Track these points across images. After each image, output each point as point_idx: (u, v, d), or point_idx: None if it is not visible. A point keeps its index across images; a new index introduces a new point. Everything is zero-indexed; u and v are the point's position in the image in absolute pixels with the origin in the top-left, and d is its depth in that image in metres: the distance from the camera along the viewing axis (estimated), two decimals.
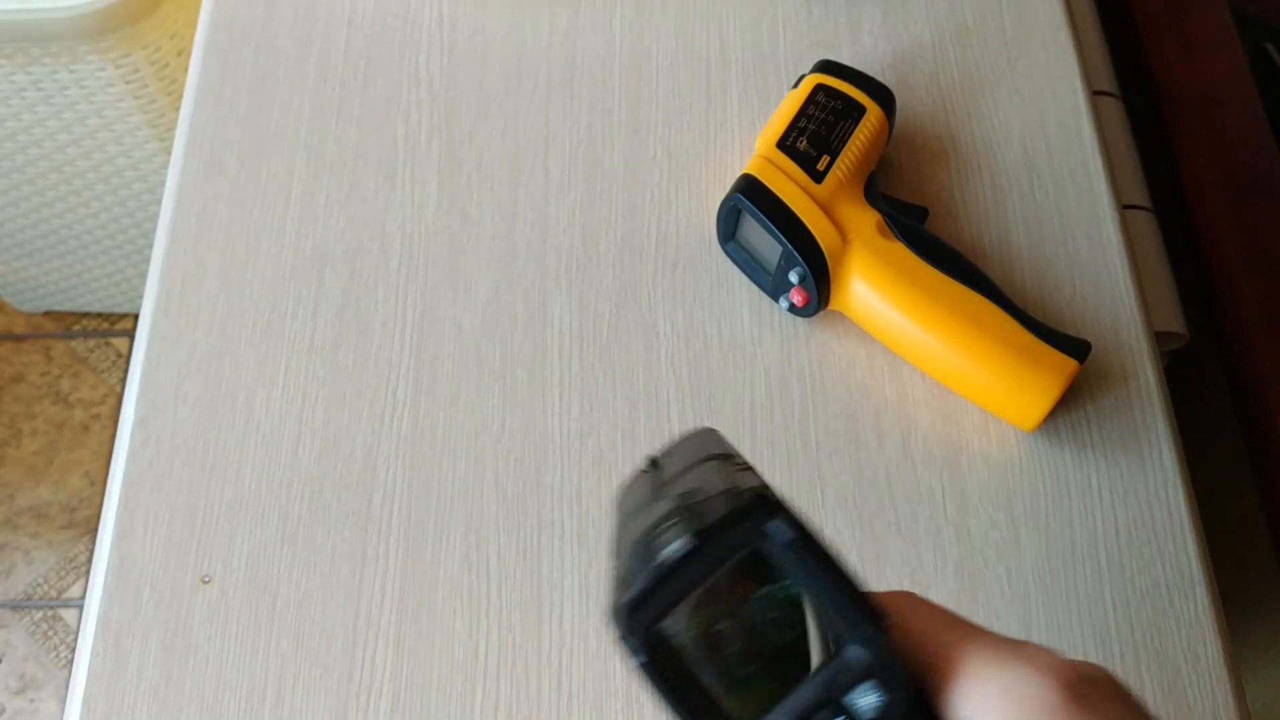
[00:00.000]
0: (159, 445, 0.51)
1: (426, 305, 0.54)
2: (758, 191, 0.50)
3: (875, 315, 0.51)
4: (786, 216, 0.50)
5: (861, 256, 0.50)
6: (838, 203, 0.51)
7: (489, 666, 0.47)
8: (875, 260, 0.50)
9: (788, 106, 0.53)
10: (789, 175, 0.51)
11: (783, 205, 0.50)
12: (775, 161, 0.51)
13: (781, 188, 0.50)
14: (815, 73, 0.54)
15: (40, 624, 1.30)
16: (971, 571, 0.49)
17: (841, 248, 0.50)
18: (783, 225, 0.50)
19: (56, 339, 1.45)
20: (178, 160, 0.58)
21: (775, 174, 0.51)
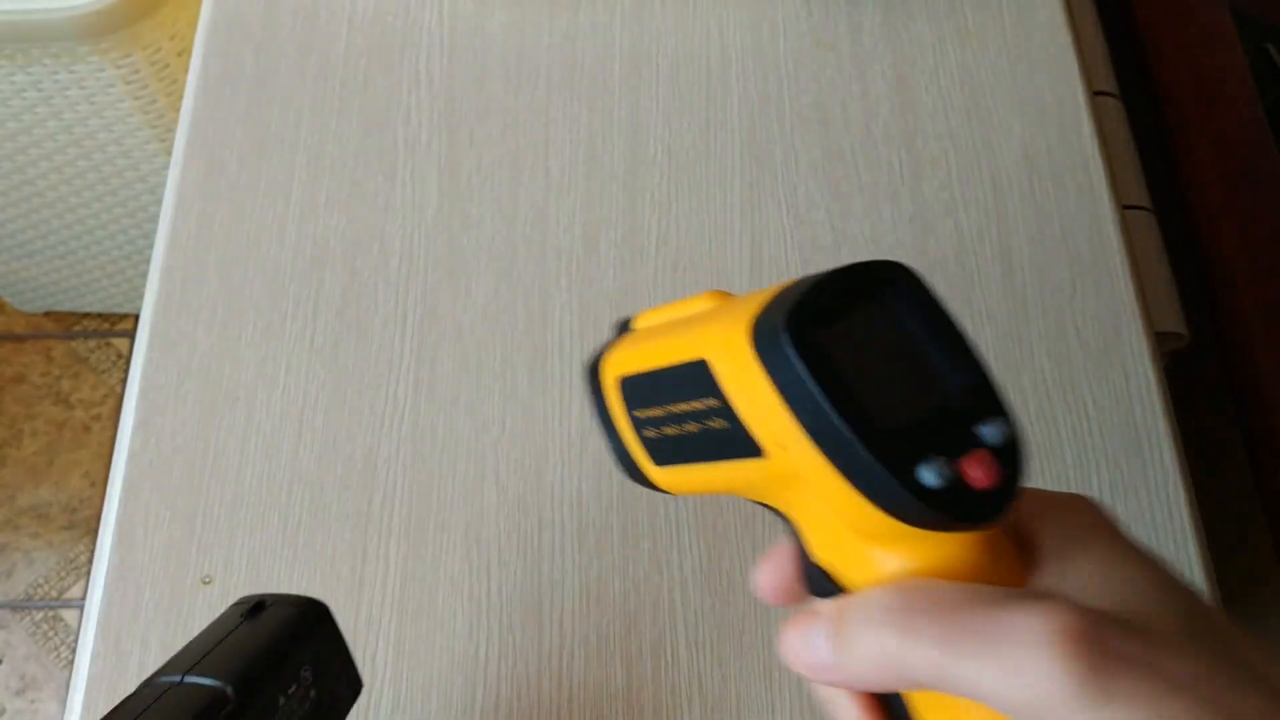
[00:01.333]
0: (159, 446, 0.51)
1: (427, 306, 0.54)
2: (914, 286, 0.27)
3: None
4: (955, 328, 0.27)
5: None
6: None
7: (489, 666, 0.47)
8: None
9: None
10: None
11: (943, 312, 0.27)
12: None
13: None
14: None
15: (41, 624, 1.30)
16: None
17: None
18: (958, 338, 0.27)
19: (57, 339, 1.45)
20: (178, 160, 0.58)
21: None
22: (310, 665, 0.34)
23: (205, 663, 0.32)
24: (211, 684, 0.31)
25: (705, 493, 0.31)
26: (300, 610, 0.35)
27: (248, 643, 0.33)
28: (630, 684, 0.47)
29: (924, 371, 0.26)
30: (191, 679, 0.32)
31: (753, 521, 0.49)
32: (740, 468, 0.28)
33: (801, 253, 0.55)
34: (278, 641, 0.34)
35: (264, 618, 0.34)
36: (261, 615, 0.35)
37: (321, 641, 0.35)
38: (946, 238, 0.56)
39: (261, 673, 0.32)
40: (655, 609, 0.48)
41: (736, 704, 0.46)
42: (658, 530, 0.49)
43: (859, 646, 0.25)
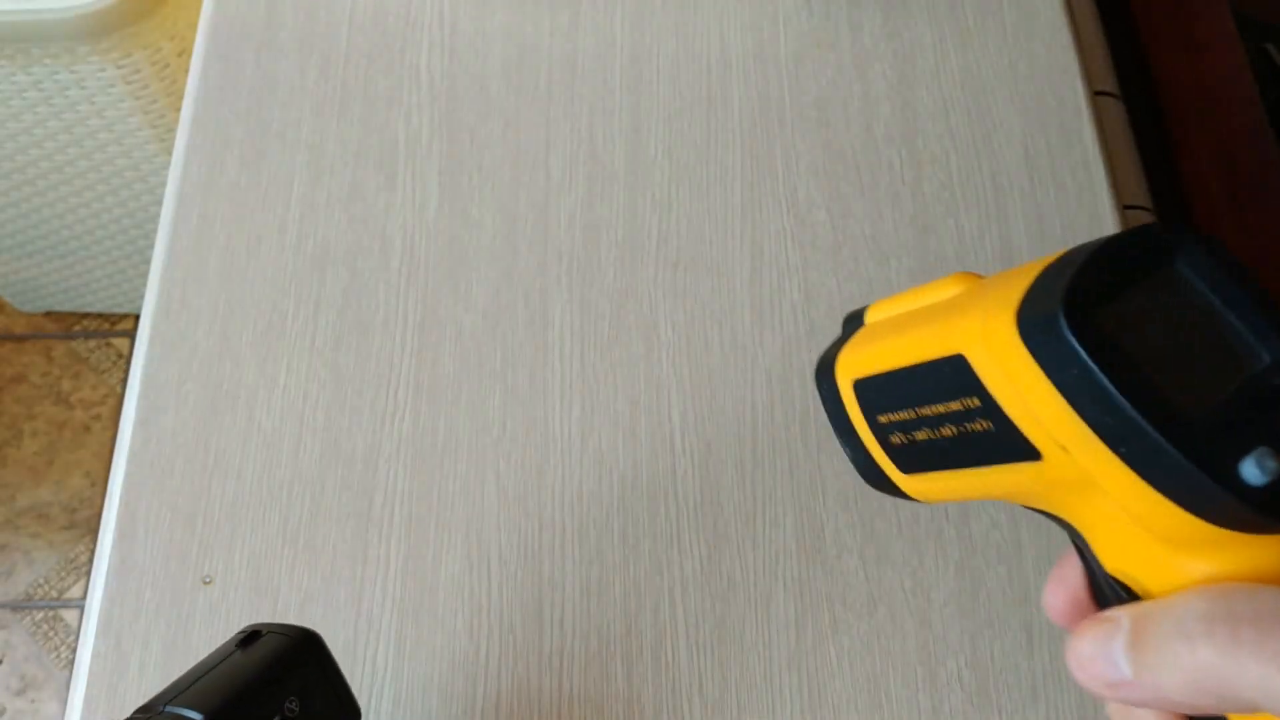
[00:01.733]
0: (160, 446, 0.51)
1: (427, 305, 0.54)
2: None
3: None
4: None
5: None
6: None
7: (490, 666, 0.47)
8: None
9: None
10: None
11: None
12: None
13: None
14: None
15: (41, 624, 1.30)
16: (972, 571, 0.49)
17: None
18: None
19: (57, 339, 1.45)
20: (178, 160, 0.58)
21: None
22: (296, 696, 0.34)
23: (188, 693, 0.33)
24: (189, 715, 0.32)
25: (964, 499, 0.28)
26: (289, 640, 0.35)
27: (234, 673, 0.34)
28: (630, 684, 0.47)
29: (1229, 347, 0.22)
30: (171, 709, 0.32)
31: (754, 521, 0.50)
32: (1010, 472, 0.24)
33: (801, 253, 0.55)
34: (263, 672, 0.34)
35: (255, 647, 0.35)
36: (254, 645, 0.35)
37: (311, 672, 0.36)
38: (946, 238, 0.56)
39: (240, 703, 0.33)
40: (655, 609, 0.48)
41: (736, 704, 0.46)
42: (658, 531, 0.49)
43: (1169, 661, 0.21)
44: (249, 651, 0.35)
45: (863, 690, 0.47)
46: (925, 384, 0.26)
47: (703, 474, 0.50)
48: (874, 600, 0.48)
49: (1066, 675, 0.47)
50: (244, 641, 0.35)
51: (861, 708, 0.46)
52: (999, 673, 0.47)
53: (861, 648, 0.47)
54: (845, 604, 0.48)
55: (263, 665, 0.34)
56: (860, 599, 0.48)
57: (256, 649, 0.35)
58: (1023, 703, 0.46)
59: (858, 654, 0.47)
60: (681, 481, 0.50)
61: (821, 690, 0.47)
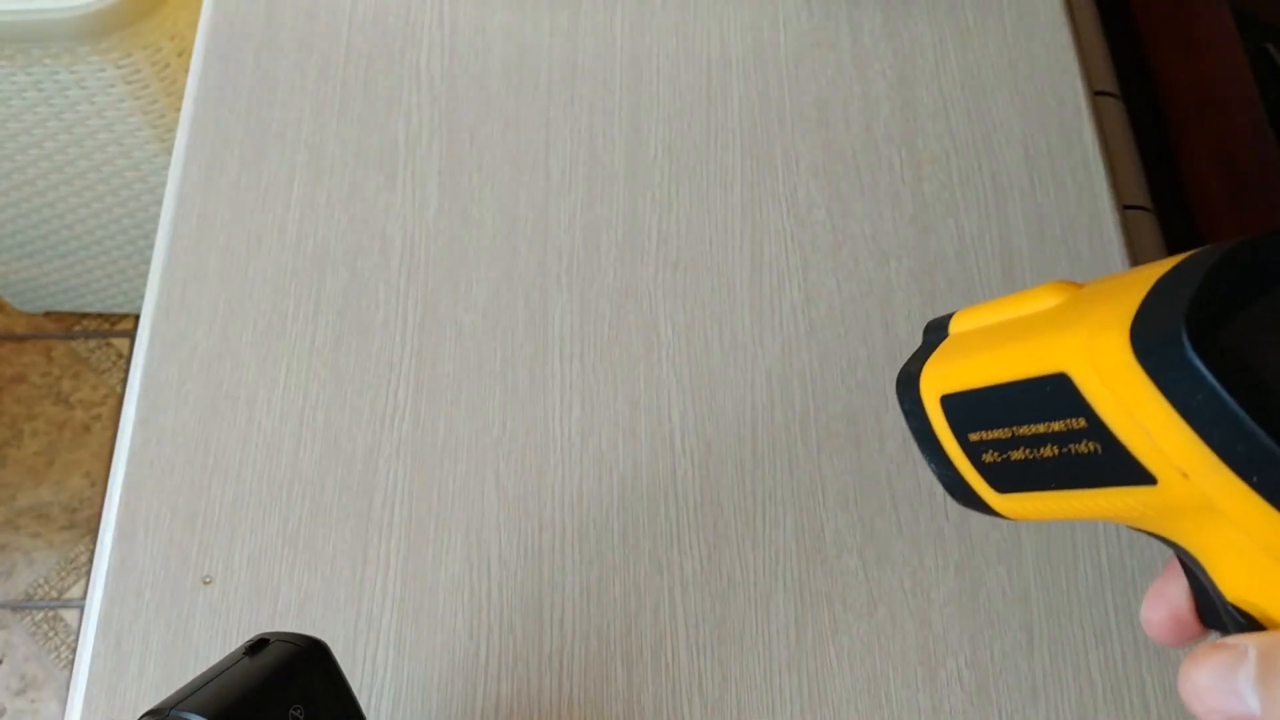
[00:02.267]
0: (160, 446, 0.51)
1: (427, 306, 0.54)
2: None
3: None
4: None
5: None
6: None
7: (490, 667, 0.47)
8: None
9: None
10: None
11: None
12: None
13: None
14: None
15: (41, 624, 1.30)
16: (972, 571, 0.49)
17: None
18: None
19: (57, 339, 1.45)
20: (178, 160, 0.58)
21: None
22: (301, 704, 0.35)
23: (195, 698, 0.33)
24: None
25: (1063, 519, 0.26)
26: (296, 649, 0.36)
27: (240, 680, 0.34)
28: (630, 684, 0.47)
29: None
30: (178, 713, 0.33)
31: (754, 521, 0.50)
32: (1118, 496, 0.23)
33: (801, 253, 0.55)
34: (269, 679, 0.35)
35: (263, 655, 0.36)
36: (261, 652, 0.36)
37: (316, 680, 0.36)
38: (946, 238, 0.56)
39: (246, 709, 0.33)
40: (655, 610, 0.48)
41: (736, 705, 0.46)
42: (658, 531, 0.49)
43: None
44: (256, 659, 0.35)
45: (863, 690, 0.47)
46: (1024, 403, 0.24)
47: (703, 474, 0.50)
48: (874, 600, 0.48)
49: (1066, 675, 0.47)
50: (252, 649, 0.36)
51: (861, 708, 0.46)
52: (999, 673, 0.47)
53: (861, 648, 0.47)
54: (845, 604, 0.48)
55: (269, 673, 0.35)
56: (860, 599, 0.48)
57: (264, 656, 0.35)
58: (1023, 703, 0.46)
59: (858, 654, 0.47)
60: (681, 481, 0.50)
61: (821, 690, 0.47)
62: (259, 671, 0.35)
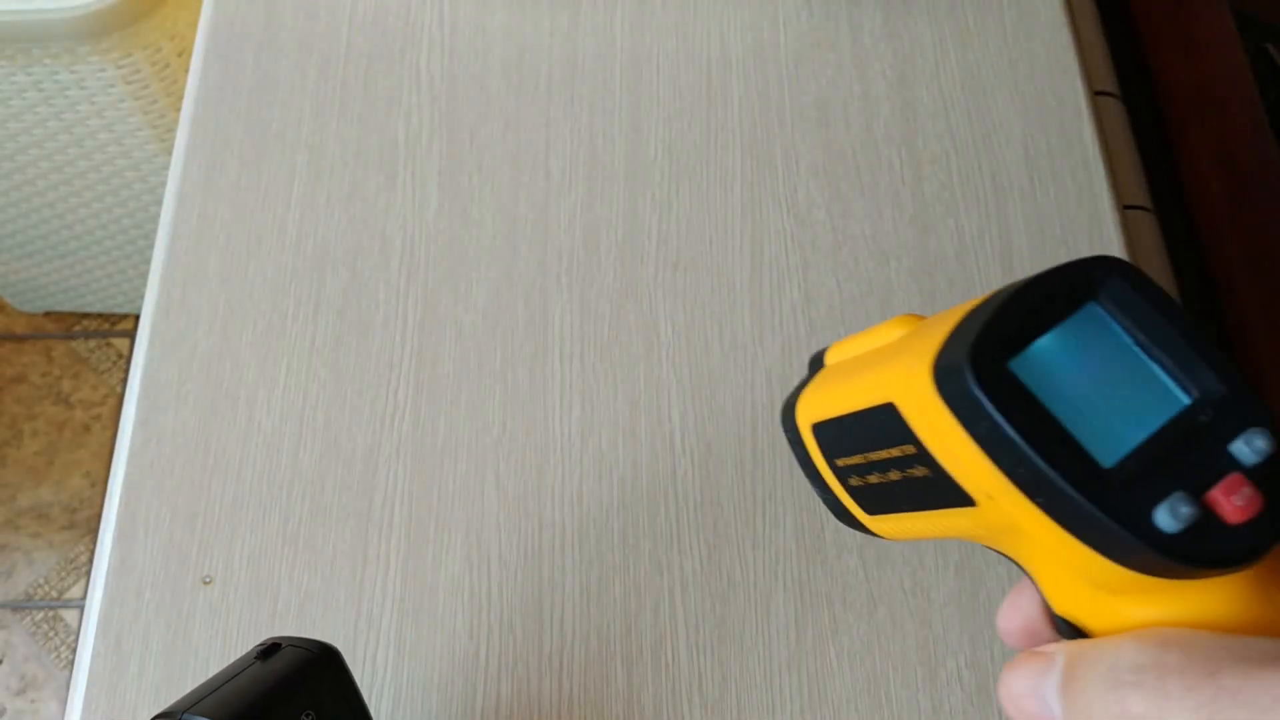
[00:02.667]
0: (160, 446, 0.51)
1: (427, 306, 0.54)
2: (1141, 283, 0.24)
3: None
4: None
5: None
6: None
7: (490, 667, 0.47)
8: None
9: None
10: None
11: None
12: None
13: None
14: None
15: (41, 624, 1.30)
16: (972, 571, 0.49)
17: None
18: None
19: (57, 339, 1.45)
20: (178, 160, 0.58)
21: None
22: (313, 710, 0.35)
23: (206, 702, 0.33)
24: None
25: (929, 538, 0.28)
26: (308, 654, 0.36)
27: (252, 684, 0.35)
28: (630, 684, 0.47)
29: (1152, 386, 0.22)
30: (190, 716, 0.33)
31: (754, 521, 0.50)
32: (955, 517, 0.24)
33: (801, 253, 0.55)
34: (280, 684, 0.35)
35: (274, 659, 0.36)
36: (273, 657, 0.36)
37: (328, 686, 0.36)
38: (946, 238, 0.56)
39: (257, 714, 0.33)
40: (655, 610, 0.48)
41: (736, 705, 0.46)
42: (658, 531, 0.49)
43: (1097, 708, 0.21)
44: (268, 663, 0.35)
45: (863, 690, 0.47)
46: (868, 430, 0.26)
47: (703, 474, 0.50)
48: (874, 600, 0.48)
49: None
50: (264, 653, 0.36)
51: (861, 708, 0.46)
52: (999, 673, 0.47)
53: (861, 648, 0.47)
54: (845, 604, 0.48)
55: (281, 677, 0.35)
56: (860, 599, 0.48)
57: (276, 661, 0.35)
58: None
59: (858, 654, 0.47)
60: (681, 481, 0.50)
61: (821, 690, 0.47)
62: (271, 676, 0.35)
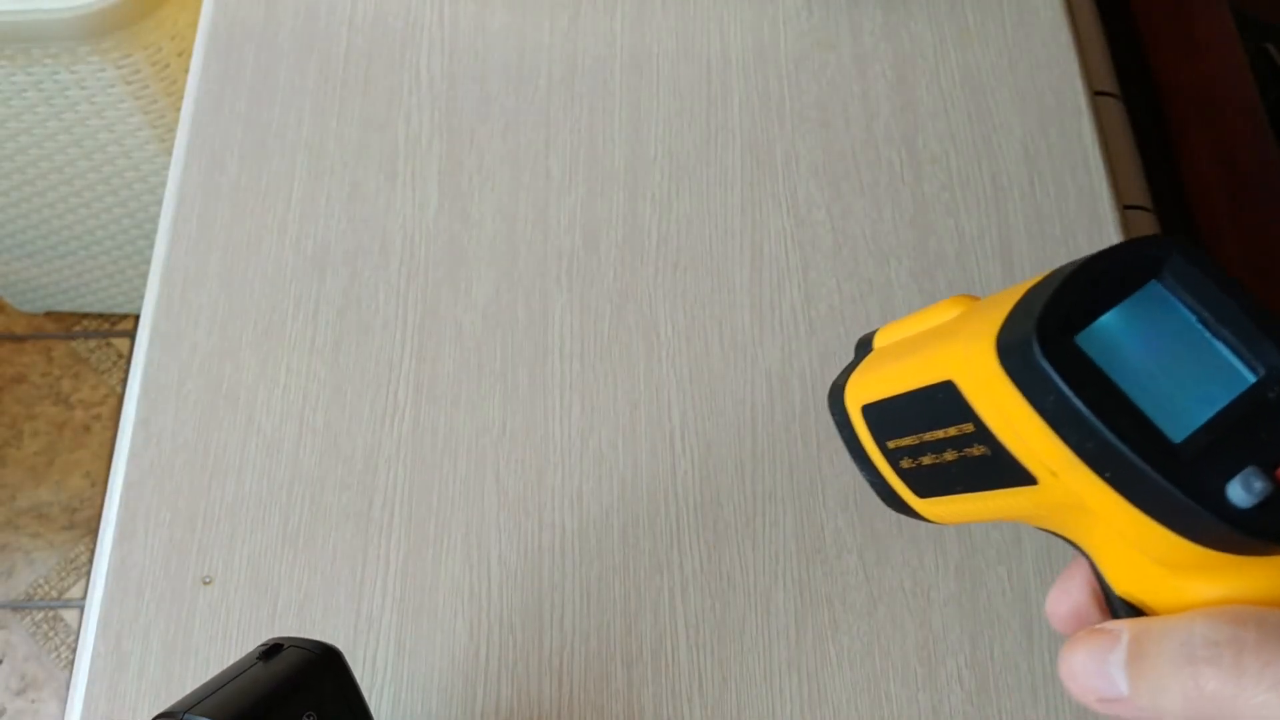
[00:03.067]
0: (160, 446, 0.51)
1: (427, 306, 0.54)
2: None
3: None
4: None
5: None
6: None
7: (490, 667, 0.47)
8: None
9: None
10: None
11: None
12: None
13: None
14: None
15: (41, 624, 1.30)
16: (973, 571, 0.49)
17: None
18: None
19: (57, 339, 1.45)
20: (178, 160, 0.58)
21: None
22: (313, 710, 0.35)
23: (208, 702, 0.34)
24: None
25: (980, 521, 0.28)
26: (310, 655, 0.36)
27: (253, 685, 0.35)
28: (630, 684, 0.47)
29: (1219, 363, 0.22)
30: (191, 717, 0.33)
31: (754, 521, 0.50)
32: (1013, 496, 0.24)
33: (801, 252, 0.55)
34: (281, 685, 0.35)
35: (276, 660, 0.36)
36: (275, 658, 0.36)
37: (329, 687, 0.36)
38: (946, 238, 0.56)
39: (258, 715, 0.33)
40: (655, 610, 0.48)
41: (736, 705, 0.46)
42: (658, 531, 0.49)
43: (1169, 682, 0.21)
44: (270, 664, 0.35)
45: (863, 690, 0.47)
46: (924, 410, 0.26)
47: (703, 474, 0.50)
48: (874, 600, 0.48)
49: None
50: (266, 654, 0.36)
51: (861, 708, 0.46)
52: (999, 673, 0.47)
53: (861, 648, 0.47)
54: (845, 604, 0.48)
55: (282, 678, 0.35)
56: (860, 599, 0.48)
57: (277, 662, 0.35)
58: (1023, 703, 0.46)
59: (858, 654, 0.47)
60: (681, 481, 0.50)
61: (821, 690, 0.47)
62: (272, 677, 0.35)
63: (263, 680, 0.35)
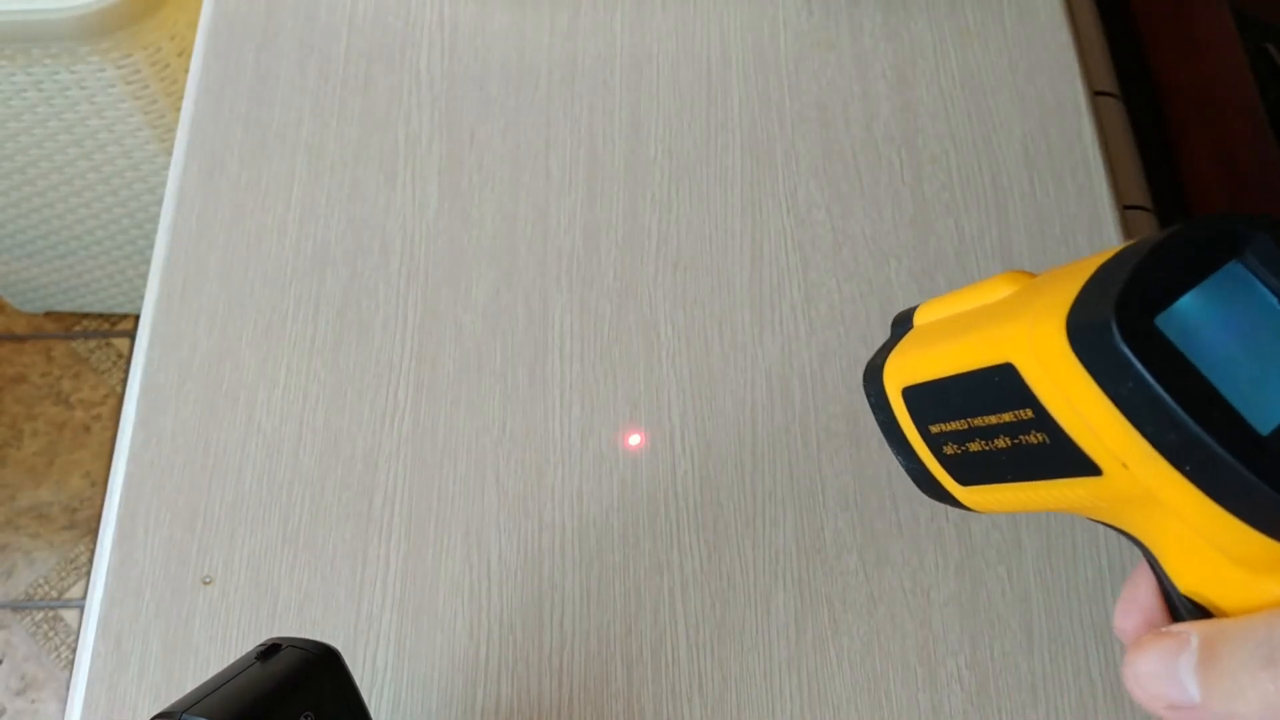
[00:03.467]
0: (160, 446, 0.51)
1: (427, 306, 0.54)
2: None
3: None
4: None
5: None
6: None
7: (490, 667, 0.47)
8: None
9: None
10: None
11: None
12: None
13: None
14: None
15: (41, 624, 1.30)
16: (973, 572, 0.49)
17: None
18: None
19: (57, 339, 1.45)
20: (178, 161, 0.58)
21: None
22: (312, 710, 0.35)
23: (205, 702, 0.34)
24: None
25: (1025, 511, 0.26)
26: (308, 655, 0.36)
27: (251, 685, 0.35)
28: (630, 684, 0.47)
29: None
30: (189, 717, 0.33)
31: (754, 521, 0.50)
32: (1070, 487, 0.23)
33: (801, 252, 0.55)
34: (280, 685, 0.35)
35: (274, 660, 0.36)
36: (273, 658, 0.36)
37: (328, 687, 0.36)
38: (946, 238, 0.56)
39: (256, 715, 0.34)
40: (655, 610, 0.48)
41: (736, 705, 0.46)
42: (658, 531, 0.49)
43: (1245, 689, 0.20)
44: (268, 664, 0.35)
45: (863, 690, 0.47)
46: (976, 394, 0.24)
47: (703, 474, 0.50)
48: (874, 600, 0.48)
49: (1066, 675, 0.47)
50: (264, 654, 0.36)
51: (861, 708, 0.46)
52: (999, 673, 0.47)
53: (861, 648, 0.47)
54: (845, 604, 0.48)
55: (280, 678, 0.35)
56: (860, 599, 0.48)
57: (275, 662, 0.36)
58: (1023, 703, 0.46)
59: (858, 654, 0.47)
60: (681, 481, 0.50)
61: (821, 690, 0.47)
62: (270, 678, 0.35)
63: (261, 680, 0.35)
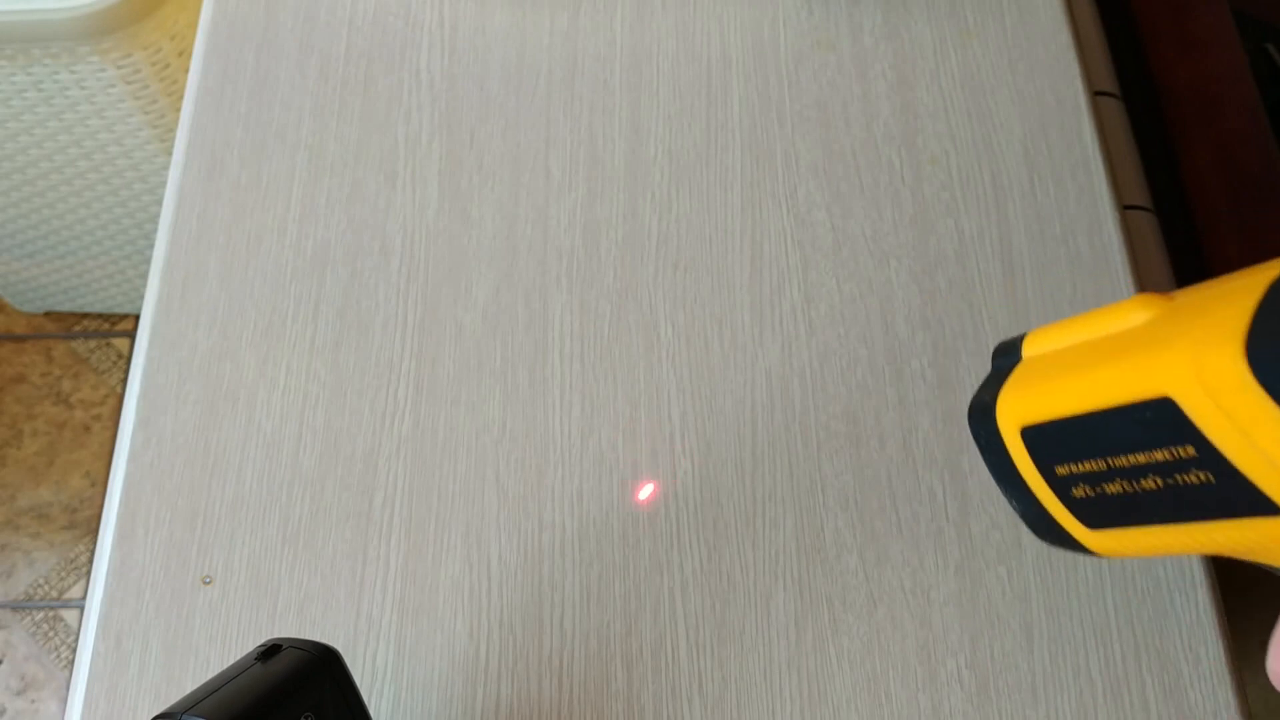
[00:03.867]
0: (160, 446, 0.51)
1: (427, 306, 0.54)
2: None
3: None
4: None
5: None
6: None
7: (490, 668, 0.47)
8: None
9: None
10: None
11: None
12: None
13: None
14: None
15: (41, 624, 1.30)
16: (973, 572, 0.49)
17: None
18: None
19: (57, 340, 1.45)
20: (178, 161, 0.58)
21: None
22: (312, 711, 0.35)
23: (205, 703, 0.34)
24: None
25: (1165, 555, 0.24)
26: (308, 656, 0.36)
27: (251, 686, 0.35)
28: (630, 684, 0.47)
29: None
30: (188, 718, 0.33)
31: (754, 521, 0.50)
32: (1236, 528, 0.21)
33: (801, 252, 0.55)
34: (279, 685, 0.35)
35: (274, 661, 0.36)
36: (274, 659, 0.36)
37: (328, 687, 0.36)
38: (946, 238, 0.56)
39: (256, 716, 0.34)
40: (655, 610, 0.48)
41: (736, 705, 0.46)
42: (658, 531, 0.49)
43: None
44: (268, 665, 0.35)
45: (863, 690, 0.47)
46: (1121, 432, 0.22)
47: (703, 474, 0.50)
48: (874, 600, 0.48)
49: (1066, 675, 0.47)
50: (264, 654, 0.36)
51: (861, 708, 0.46)
52: (999, 673, 0.47)
53: (861, 648, 0.47)
54: (845, 604, 0.48)
55: (280, 679, 0.35)
56: (860, 599, 0.48)
57: (276, 663, 0.36)
58: (1023, 703, 0.46)
59: (858, 654, 0.47)
60: (681, 481, 0.50)
61: (821, 690, 0.47)
62: (270, 678, 0.35)
63: (261, 681, 0.35)
